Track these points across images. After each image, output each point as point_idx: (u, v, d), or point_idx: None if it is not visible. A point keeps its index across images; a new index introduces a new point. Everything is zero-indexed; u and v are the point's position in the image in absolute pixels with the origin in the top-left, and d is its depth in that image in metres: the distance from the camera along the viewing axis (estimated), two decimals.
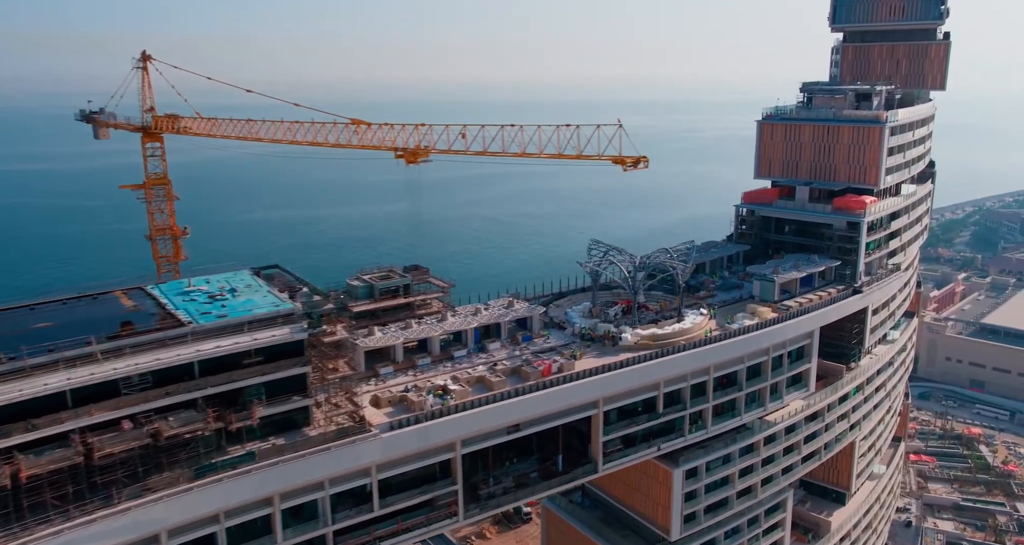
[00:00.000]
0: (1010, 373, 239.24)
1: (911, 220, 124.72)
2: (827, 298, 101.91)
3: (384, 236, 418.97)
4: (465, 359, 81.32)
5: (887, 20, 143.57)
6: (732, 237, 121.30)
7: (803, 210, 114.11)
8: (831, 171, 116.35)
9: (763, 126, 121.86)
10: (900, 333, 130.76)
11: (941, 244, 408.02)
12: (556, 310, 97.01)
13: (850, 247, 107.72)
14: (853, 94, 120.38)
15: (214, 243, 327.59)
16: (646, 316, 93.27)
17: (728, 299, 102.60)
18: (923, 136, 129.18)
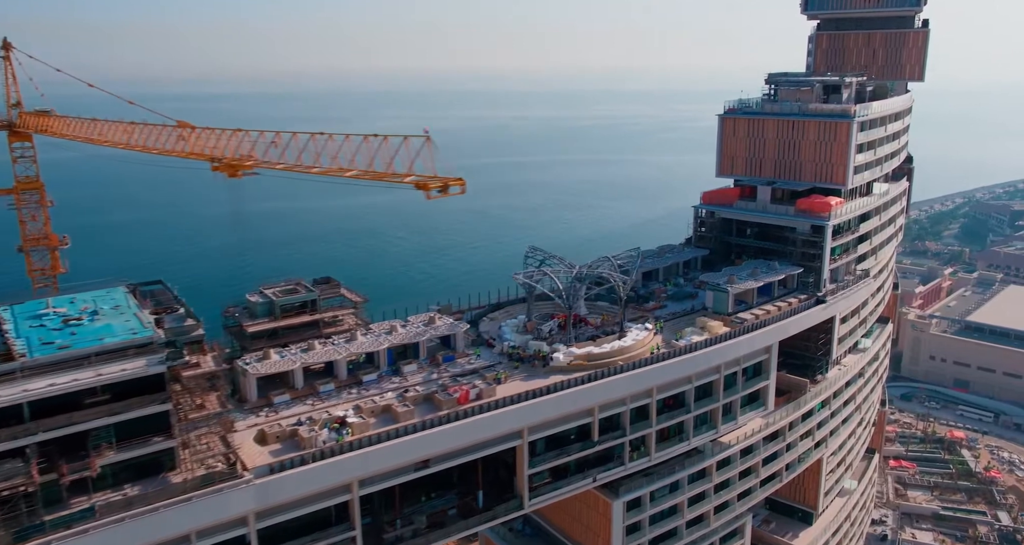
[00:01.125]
0: (995, 373, 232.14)
1: (883, 222, 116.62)
2: (787, 309, 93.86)
3: (303, 242, 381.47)
4: (375, 384, 73.08)
5: (863, 7, 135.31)
6: (691, 240, 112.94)
7: (764, 212, 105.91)
8: (796, 170, 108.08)
9: (724, 121, 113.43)
10: (873, 341, 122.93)
11: (929, 237, 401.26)
12: (490, 324, 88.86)
13: (813, 253, 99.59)
14: (821, 86, 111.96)
15: (102, 254, 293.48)
16: (585, 332, 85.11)
17: (680, 310, 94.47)
18: (897, 131, 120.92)
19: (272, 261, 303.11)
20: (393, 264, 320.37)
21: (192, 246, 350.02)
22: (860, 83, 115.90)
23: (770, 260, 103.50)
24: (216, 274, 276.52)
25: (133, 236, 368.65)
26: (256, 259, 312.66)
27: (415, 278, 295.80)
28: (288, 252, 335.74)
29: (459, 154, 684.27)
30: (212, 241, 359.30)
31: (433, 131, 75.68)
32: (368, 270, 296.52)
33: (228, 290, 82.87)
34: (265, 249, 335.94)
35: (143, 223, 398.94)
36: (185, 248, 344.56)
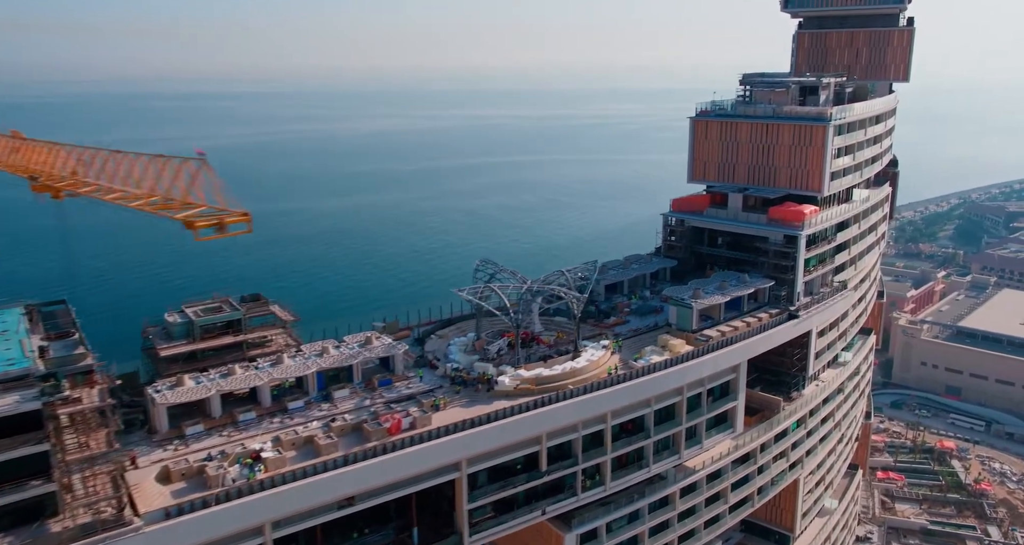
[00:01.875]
0: (987, 379, 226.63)
1: (863, 230, 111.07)
2: (756, 326, 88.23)
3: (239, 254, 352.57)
4: (302, 412, 67.44)
5: (844, 4, 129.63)
6: (660, 250, 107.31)
7: (735, 221, 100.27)
8: (771, 176, 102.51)
9: (696, 124, 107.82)
10: (854, 354, 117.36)
11: (924, 239, 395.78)
12: (439, 342, 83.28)
13: (786, 264, 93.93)
14: (797, 87, 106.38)
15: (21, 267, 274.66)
16: (537, 351, 79.50)
17: (643, 326, 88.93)
18: (879, 134, 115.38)
19: (225, 271, 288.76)
20: (366, 272, 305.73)
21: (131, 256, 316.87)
22: (839, 84, 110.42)
23: (743, 271, 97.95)
24: (159, 288, 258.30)
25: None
26: (202, 270, 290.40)
27: (389, 286, 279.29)
28: (246, 261, 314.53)
29: (452, 152, 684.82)
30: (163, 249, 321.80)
31: (425, 131, 70.02)
32: (340, 279, 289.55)
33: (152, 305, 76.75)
34: (220, 257, 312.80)
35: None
36: (127, 258, 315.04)
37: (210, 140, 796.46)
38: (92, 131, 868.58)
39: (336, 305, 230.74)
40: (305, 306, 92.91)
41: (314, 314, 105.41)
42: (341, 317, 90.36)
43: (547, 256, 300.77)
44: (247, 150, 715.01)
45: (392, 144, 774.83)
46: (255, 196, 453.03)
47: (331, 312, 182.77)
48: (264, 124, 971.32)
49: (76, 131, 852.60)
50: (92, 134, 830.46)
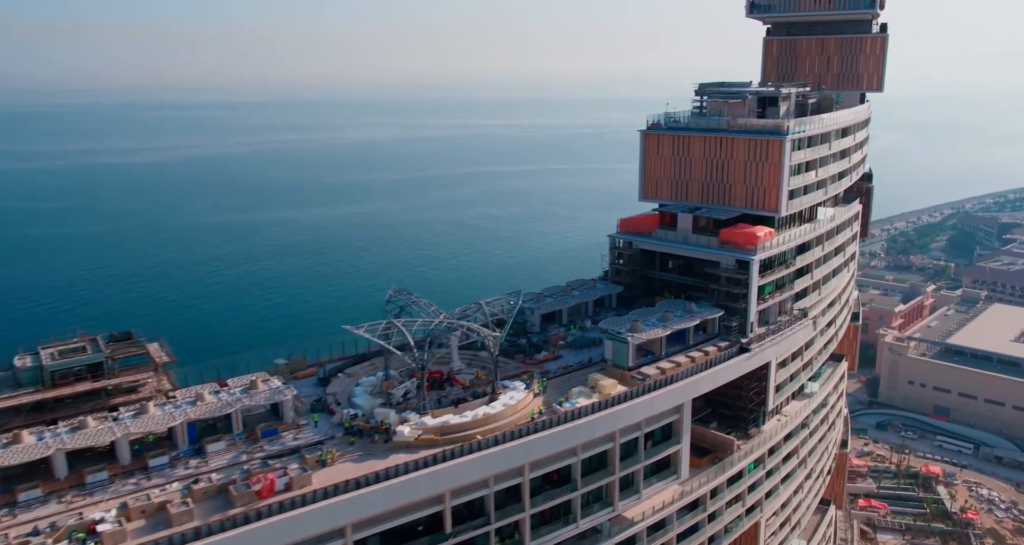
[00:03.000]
0: (976, 399, 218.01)
1: (828, 251, 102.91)
2: (702, 361, 79.87)
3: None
4: (165, 470, 59.04)
5: (811, 10, 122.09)
6: (608, 274, 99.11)
7: (685, 244, 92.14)
8: (725, 194, 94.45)
9: (647, 137, 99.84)
10: (821, 384, 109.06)
11: (916, 250, 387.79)
12: (345, 382, 74.97)
13: (738, 292, 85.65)
14: (755, 98, 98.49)
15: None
16: (451, 393, 71.21)
17: (577, 362, 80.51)
18: (847, 148, 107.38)
19: (126, 300, 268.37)
20: (304, 292, 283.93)
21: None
22: (801, 95, 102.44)
23: (695, 299, 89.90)
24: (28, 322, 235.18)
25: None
26: (99, 298, 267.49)
27: (324, 309, 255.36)
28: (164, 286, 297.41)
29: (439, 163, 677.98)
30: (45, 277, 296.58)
31: (420, 140, 62.99)
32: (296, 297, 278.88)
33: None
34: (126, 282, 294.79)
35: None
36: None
37: (202, 149, 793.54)
38: (89, 140, 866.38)
39: (253, 334, 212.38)
40: (216, 338, 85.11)
41: (221, 348, 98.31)
42: (253, 350, 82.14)
43: (530, 271, 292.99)
44: (238, 159, 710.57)
45: (381, 154, 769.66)
46: (224, 206, 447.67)
47: (243, 344, 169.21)
48: (258, 134, 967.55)
49: (73, 141, 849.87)
50: (88, 143, 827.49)
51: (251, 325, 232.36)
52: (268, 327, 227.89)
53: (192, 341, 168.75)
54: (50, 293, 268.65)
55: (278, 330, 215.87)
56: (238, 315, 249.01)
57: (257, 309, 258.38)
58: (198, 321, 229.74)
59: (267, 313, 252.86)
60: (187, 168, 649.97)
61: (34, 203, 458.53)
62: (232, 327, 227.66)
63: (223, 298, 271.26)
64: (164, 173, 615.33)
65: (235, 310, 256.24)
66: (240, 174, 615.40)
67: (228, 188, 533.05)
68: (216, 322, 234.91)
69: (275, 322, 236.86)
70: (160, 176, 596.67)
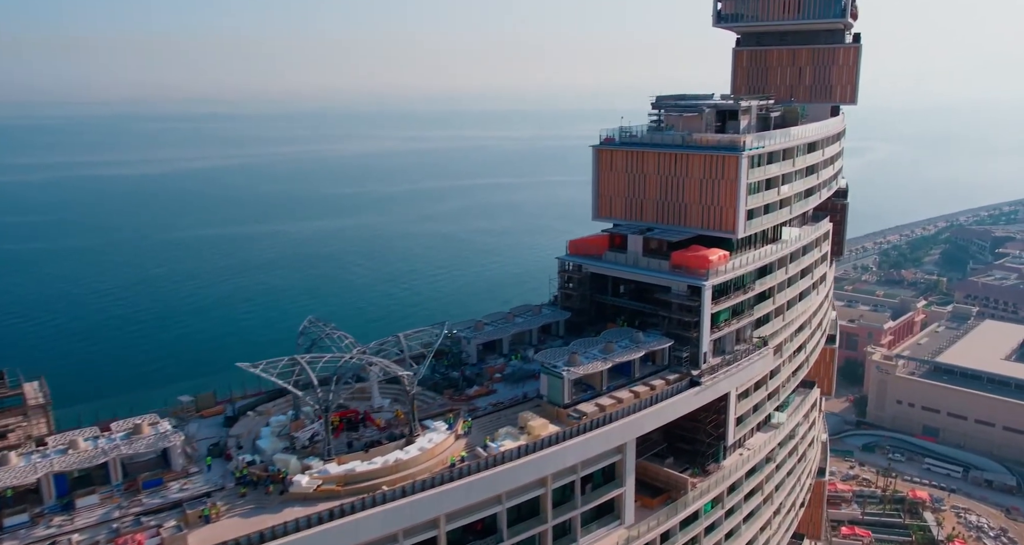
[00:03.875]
0: (966, 420, 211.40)
1: (793, 274, 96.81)
2: (647, 396, 73.60)
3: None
4: (22, 530, 52.67)
5: (781, 19, 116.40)
6: (557, 299, 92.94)
7: (635, 267, 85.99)
8: (680, 213, 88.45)
9: (600, 153, 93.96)
10: (790, 414, 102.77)
11: (909, 264, 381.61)
12: (254, 422, 68.67)
13: (689, 320, 79.45)
14: (713, 112, 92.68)
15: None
16: (365, 435, 64.96)
17: (512, 398, 74.22)
18: (815, 163, 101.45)
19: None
20: (246, 317, 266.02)
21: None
22: (764, 107, 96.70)
23: (648, 326, 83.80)
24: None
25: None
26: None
27: (268, 336, 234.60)
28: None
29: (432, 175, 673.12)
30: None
31: (415, 152, 57.02)
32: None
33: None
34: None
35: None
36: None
37: (196, 162, 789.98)
38: (85, 152, 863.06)
39: (175, 365, 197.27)
40: (129, 371, 78.64)
41: (132, 382, 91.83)
42: (170, 384, 75.50)
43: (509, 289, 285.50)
44: (230, 172, 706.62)
45: (376, 166, 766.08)
46: (203, 221, 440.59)
47: (161, 377, 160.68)
48: (254, 146, 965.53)
49: (70, 152, 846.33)
50: (84, 155, 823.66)
51: (174, 354, 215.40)
52: (196, 356, 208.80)
53: (101, 376, 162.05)
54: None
55: (207, 360, 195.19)
56: (161, 344, 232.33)
57: (190, 334, 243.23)
58: (116, 352, 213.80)
59: (198, 339, 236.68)
60: (177, 181, 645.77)
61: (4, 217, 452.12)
62: (150, 358, 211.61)
63: (154, 324, 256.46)
64: (150, 186, 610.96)
65: (159, 338, 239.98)
66: (230, 187, 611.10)
67: (214, 202, 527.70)
68: (135, 353, 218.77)
69: (204, 350, 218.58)
70: (145, 189, 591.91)
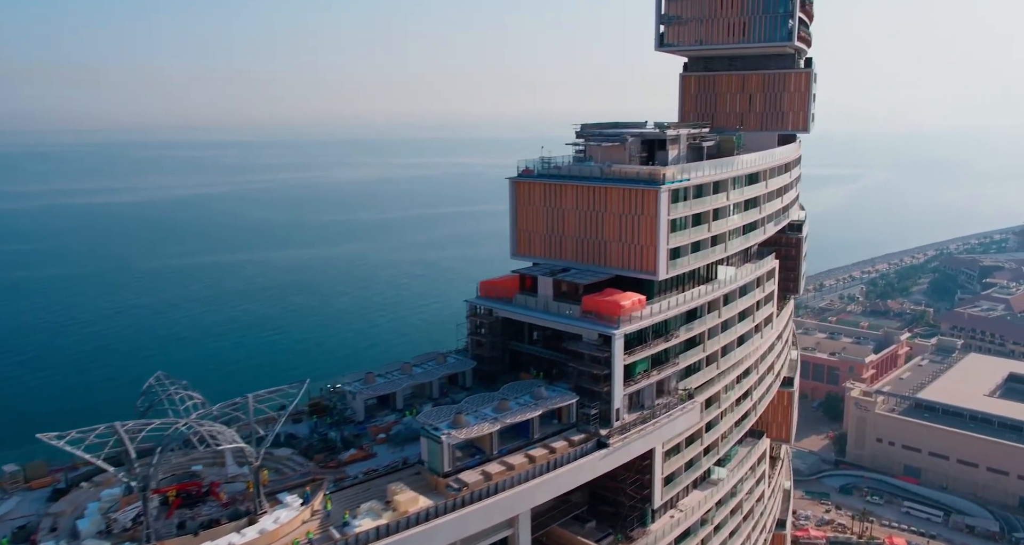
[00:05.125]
0: (948, 460, 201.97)
1: (731, 316, 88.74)
2: (544, 461, 65.21)
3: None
4: None
5: (725, 43, 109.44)
6: (468, 347, 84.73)
7: (543, 312, 77.96)
8: (600, 252, 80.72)
9: (517, 186, 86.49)
10: (732, 468, 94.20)
11: (896, 294, 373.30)
12: (86, 495, 60.18)
13: (598, 373, 71.28)
14: (638, 141, 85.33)
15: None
16: (204, 512, 56.42)
17: (386, 465, 65.70)
18: (757, 196, 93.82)
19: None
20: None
21: None
22: (696, 136, 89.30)
23: (560, 378, 75.71)
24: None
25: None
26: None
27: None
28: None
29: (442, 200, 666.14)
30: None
31: (408, 179, 48.98)
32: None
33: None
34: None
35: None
36: None
37: (187, 190, 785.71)
38: (77, 180, 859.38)
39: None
40: None
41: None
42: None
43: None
44: (221, 199, 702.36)
45: (365, 193, 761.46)
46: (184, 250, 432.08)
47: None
48: (249, 173, 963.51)
49: (62, 180, 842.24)
50: (76, 182, 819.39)
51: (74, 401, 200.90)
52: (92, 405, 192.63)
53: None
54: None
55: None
56: (70, 386, 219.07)
57: (110, 377, 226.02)
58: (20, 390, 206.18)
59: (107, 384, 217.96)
60: (165, 208, 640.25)
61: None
62: (47, 401, 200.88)
63: (81, 360, 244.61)
64: (137, 213, 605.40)
65: (71, 379, 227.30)
66: (219, 214, 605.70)
67: (198, 229, 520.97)
68: (30, 394, 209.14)
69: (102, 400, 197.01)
70: (132, 216, 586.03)
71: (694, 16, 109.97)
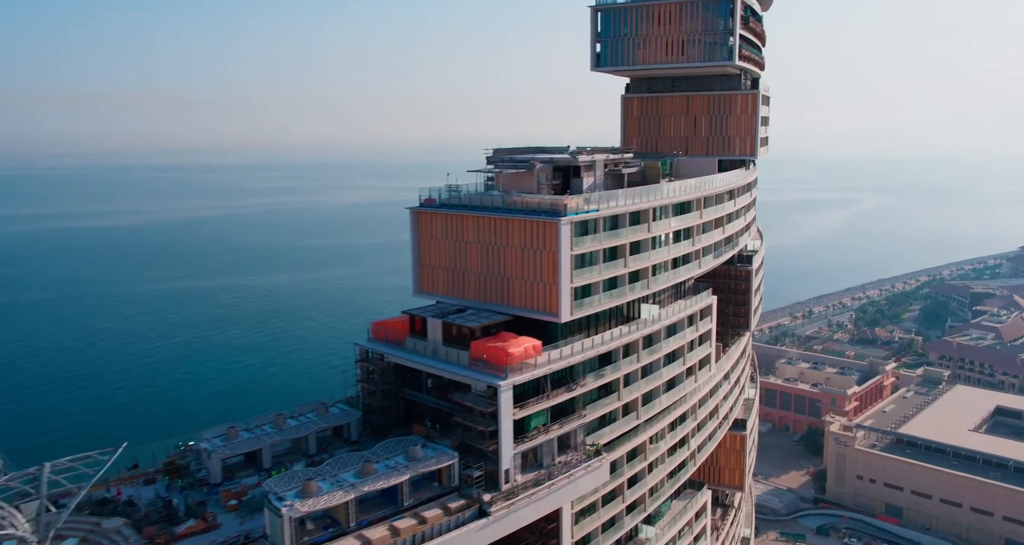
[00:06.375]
0: (931, 499, 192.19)
1: (653, 360, 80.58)
2: (411, 533, 56.82)
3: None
4: None
5: (664, 62, 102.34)
6: (359, 395, 76.49)
7: (433, 358, 69.90)
8: (503, 290, 72.89)
9: (419, 216, 78.91)
10: (665, 524, 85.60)
11: (886, 321, 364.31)
12: None
13: (482, 429, 63.07)
14: (548, 167, 77.81)
15: None
16: None
17: (225, 540, 57.26)
18: (689, 227, 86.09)
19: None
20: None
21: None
22: (615, 162, 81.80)
23: (449, 434, 67.46)
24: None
25: None
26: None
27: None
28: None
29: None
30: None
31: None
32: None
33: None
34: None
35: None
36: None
37: (179, 213, 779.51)
38: (72, 203, 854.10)
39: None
40: None
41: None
42: None
43: None
44: (212, 223, 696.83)
45: (357, 216, 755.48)
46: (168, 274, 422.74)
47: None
48: (245, 196, 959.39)
49: (56, 203, 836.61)
50: (72, 206, 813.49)
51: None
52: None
53: None
54: None
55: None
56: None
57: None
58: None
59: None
60: (153, 233, 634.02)
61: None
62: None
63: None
64: (126, 237, 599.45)
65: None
66: (207, 238, 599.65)
67: (184, 253, 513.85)
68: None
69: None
70: (120, 240, 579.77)
71: (631, 34, 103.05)
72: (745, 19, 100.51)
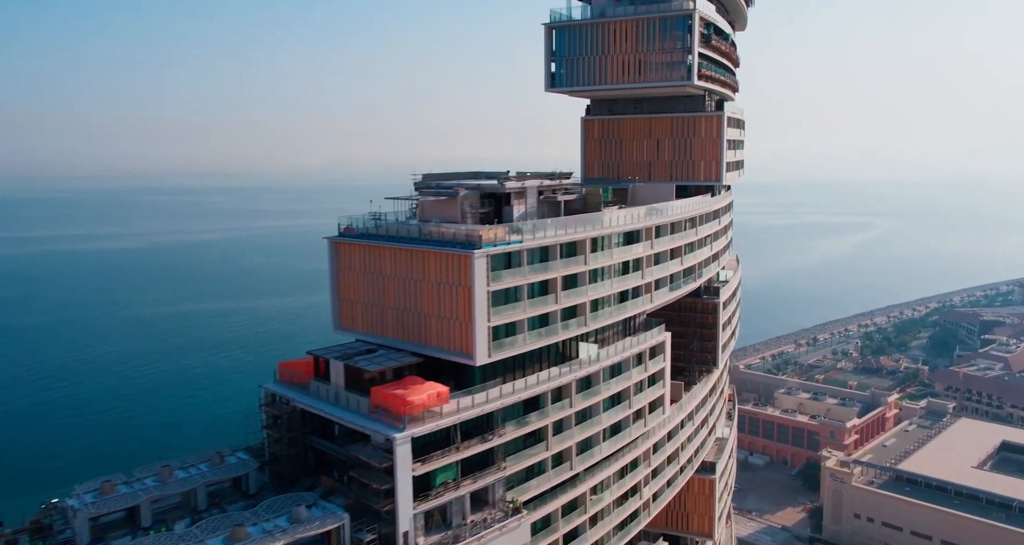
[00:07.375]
0: (931, 540, 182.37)
1: (592, 404, 73.74)
2: None
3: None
4: None
5: (621, 82, 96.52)
6: (264, 443, 69.94)
7: (334, 404, 63.45)
8: (420, 329, 66.56)
9: (338, 247, 72.91)
10: None
11: (892, 349, 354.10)
12: None
13: (376, 487, 56.40)
14: (476, 194, 71.77)
15: None
16: None
17: None
18: (637, 258, 79.60)
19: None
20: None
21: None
22: (550, 189, 75.63)
23: (341, 490, 60.77)
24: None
25: None
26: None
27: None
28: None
29: None
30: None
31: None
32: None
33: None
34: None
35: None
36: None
37: (184, 235, 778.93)
38: (80, 225, 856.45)
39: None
40: None
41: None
42: None
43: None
44: (212, 246, 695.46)
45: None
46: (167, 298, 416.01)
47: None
48: (250, 219, 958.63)
49: (64, 225, 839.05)
50: (78, 228, 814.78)
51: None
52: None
53: None
54: None
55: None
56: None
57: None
58: None
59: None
60: (158, 255, 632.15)
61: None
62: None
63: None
64: (131, 259, 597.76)
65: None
66: (204, 261, 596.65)
67: (183, 276, 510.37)
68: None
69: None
70: (124, 262, 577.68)
71: (587, 53, 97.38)
72: (707, 37, 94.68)
